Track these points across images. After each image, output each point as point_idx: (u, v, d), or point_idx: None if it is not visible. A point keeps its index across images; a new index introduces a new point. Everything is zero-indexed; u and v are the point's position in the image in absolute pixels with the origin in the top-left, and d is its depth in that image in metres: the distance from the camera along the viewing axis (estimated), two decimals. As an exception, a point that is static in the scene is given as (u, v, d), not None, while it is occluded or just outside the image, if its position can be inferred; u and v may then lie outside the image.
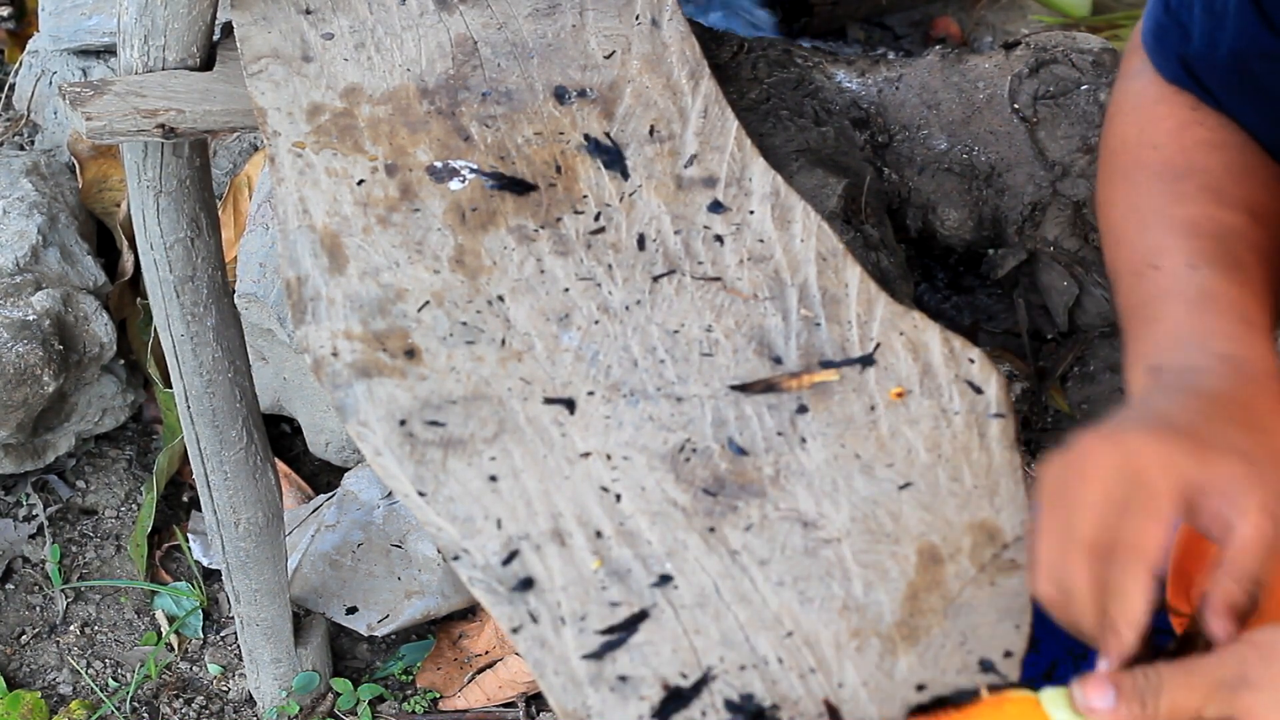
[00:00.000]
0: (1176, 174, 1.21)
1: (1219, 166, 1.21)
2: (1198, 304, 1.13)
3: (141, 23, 1.59)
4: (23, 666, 2.33)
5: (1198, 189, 1.20)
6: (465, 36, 1.57)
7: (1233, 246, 1.16)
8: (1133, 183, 1.23)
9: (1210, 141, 1.23)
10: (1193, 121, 1.24)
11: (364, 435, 1.24)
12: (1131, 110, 1.28)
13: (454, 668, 2.34)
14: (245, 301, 2.30)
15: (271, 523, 2.03)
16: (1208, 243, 1.16)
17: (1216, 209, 1.18)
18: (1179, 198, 1.20)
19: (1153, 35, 1.26)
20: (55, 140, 2.68)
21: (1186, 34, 1.21)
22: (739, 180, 1.44)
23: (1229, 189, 1.20)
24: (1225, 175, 1.20)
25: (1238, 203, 1.19)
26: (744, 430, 1.25)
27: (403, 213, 1.40)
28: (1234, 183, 1.20)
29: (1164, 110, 1.25)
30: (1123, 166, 1.25)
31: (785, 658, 1.10)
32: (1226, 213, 1.18)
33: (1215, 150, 1.22)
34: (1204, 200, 1.19)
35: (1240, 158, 1.22)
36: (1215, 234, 1.16)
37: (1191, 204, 1.19)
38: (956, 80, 2.21)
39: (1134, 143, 1.25)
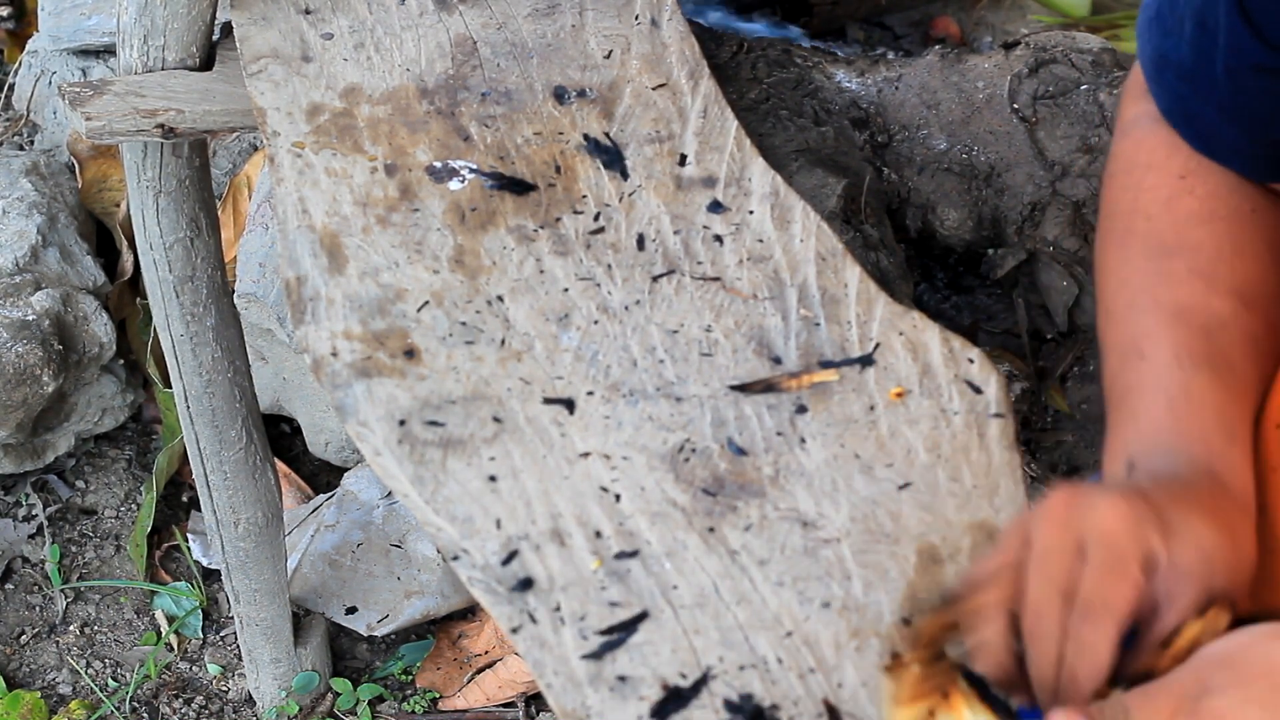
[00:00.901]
0: (1166, 250, 1.21)
1: (1209, 244, 1.20)
2: (1181, 406, 1.13)
3: (141, 23, 1.59)
4: (22, 666, 2.33)
5: (1187, 271, 1.19)
6: (465, 36, 1.57)
7: (1221, 342, 1.16)
8: (1124, 254, 1.22)
9: (1200, 215, 1.22)
10: (1183, 191, 1.23)
11: (364, 435, 1.24)
12: (1124, 174, 1.27)
13: (454, 668, 2.34)
14: (245, 301, 2.30)
15: (271, 523, 2.03)
16: (1196, 337, 1.16)
17: (1206, 295, 1.18)
18: (1168, 279, 1.19)
19: (1151, 65, 1.25)
20: (55, 140, 2.68)
21: (1180, 58, 1.20)
22: (738, 180, 1.44)
23: (1219, 271, 1.19)
24: (1215, 255, 1.20)
25: (1228, 287, 1.18)
26: (743, 430, 1.24)
27: (402, 213, 1.40)
28: (1224, 263, 1.19)
29: (1154, 180, 1.24)
30: (1117, 234, 1.24)
31: (785, 658, 1.10)
32: (1216, 299, 1.17)
33: (1205, 224, 1.21)
34: (1193, 284, 1.18)
35: (1230, 232, 1.21)
36: (1204, 326, 1.16)
37: (1181, 287, 1.18)
38: (956, 80, 2.21)
39: (1126, 211, 1.24)
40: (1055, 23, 2.80)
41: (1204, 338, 1.16)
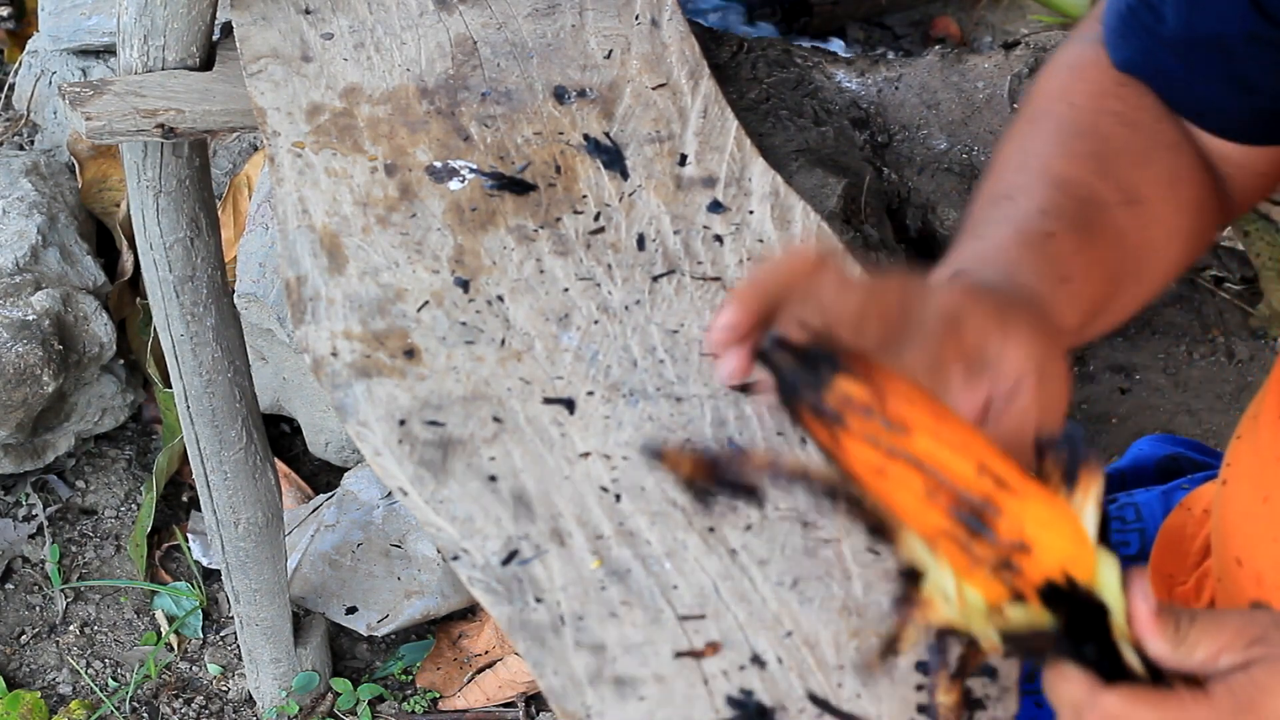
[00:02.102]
0: (1077, 131, 1.20)
1: (1119, 141, 1.20)
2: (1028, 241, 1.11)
3: (141, 22, 1.59)
4: (22, 666, 2.33)
5: (1088, 153, 1.18)
6: (465, 36, 1.57)
7: (1092, 216, 1.14)
8: (1036, 128, 1.22)
9: (1122, 116, 1.21)
10: (1113, 93, 1.23)
11: (364, 435, 1.24)
12: (1063, 66, 1.27)
13: (454, 668, 2.34)
14: (245, 301, 2.30)
15: (271, 523, 2.03)
16: (1069, 201, 1.14)
17: (1096, 178, 1.16)
18: (1067, 153, 1.18)
19: (1117, 16, 1.25)
20: (55, 140, 2.68)
21: (1158, 15, 1.20)
22: (739, 180, 1.44)
23: (1118, 167, 1.18)
24: (1121, 151, 1.19)
25: (1120, 182, 1.17)
26: (744, 430, 1.24)
27: (402, 213, 1.40)
28: (1125, 163, 1.19)
29: (1092, 74, 1.24)
30: (1033, 112, 1.24)
31: (785, 658, 1.10)
32: (1103, 186, 1.16)
33: (1122, 126, 1.21)
34: (1088, 166, 1.17)
35: (1143, 143, 1.20)
36: (1081, 198, 1.15)
37: (1075, 163, 1.17)
38: (956, 80, 2.21)
39: (1053, 94, 1.24)
40: (1055, 23, 2.80)
41: (1078, 204, 1.14)
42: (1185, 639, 0.91)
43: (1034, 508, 0.88)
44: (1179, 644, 0.91)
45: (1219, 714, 0.89)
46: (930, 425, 0.86)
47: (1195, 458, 1.51)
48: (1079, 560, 0.90)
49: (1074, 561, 0.90)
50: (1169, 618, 0.91)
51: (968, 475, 0.86)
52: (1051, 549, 0.89)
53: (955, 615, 0.93)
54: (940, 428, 0.86)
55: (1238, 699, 0.89)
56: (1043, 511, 0.88)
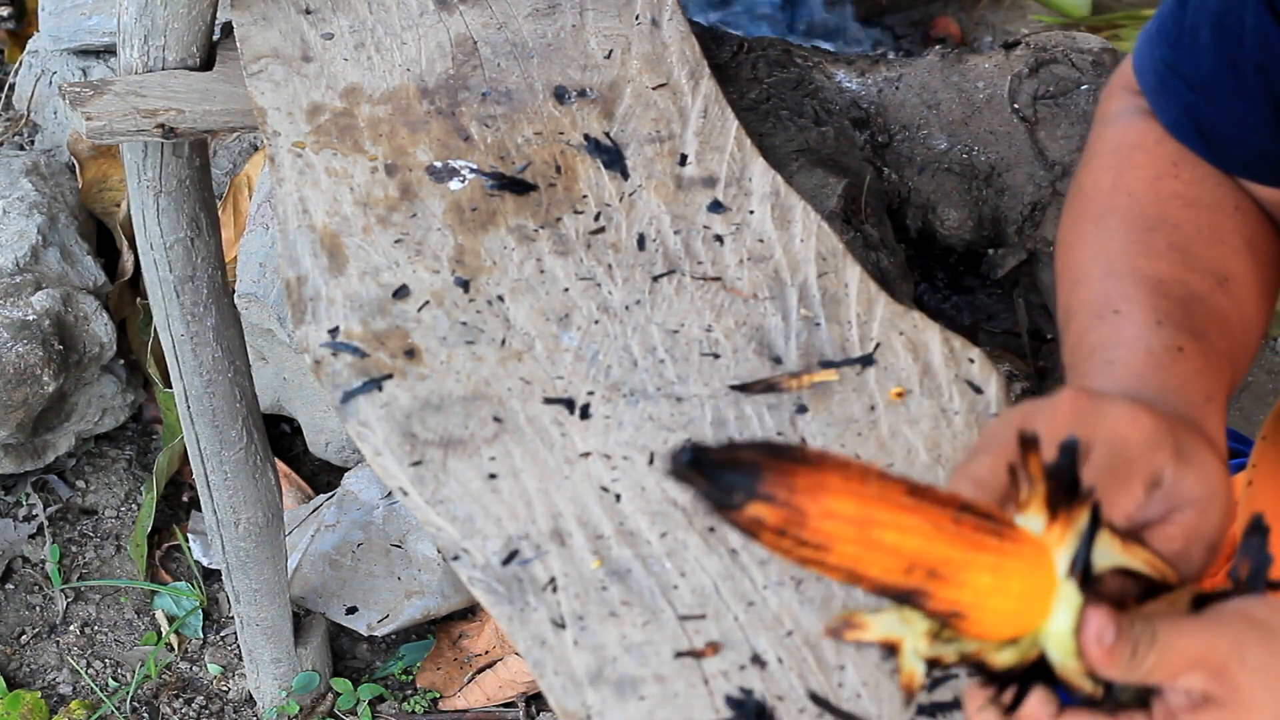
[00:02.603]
0: (1148, 225, 1.19)
1: (1190, 225, 1.19)
2: (1162, 358, 1.09)
3: (141, 22, 1.59)
4: (23, 666, 2.33)
5: (1167, 246, 1.17)
6: (465, 36, 1.57)
7: (1198, 316, 1.13)
8: (1104, 227, 1.20)
9: (1184, 197, 1.20)
10: (1169, 174, 1.22)
11: (364, 435, 1.24)
12: (1110, 154, 1.25)
13: (454, 668, 2.34)
14: (245, 301, 2.30)
15: (271, 523, 2.03)
16: (1174, 305, 1.13)
17: (1184, 271, 1.16)
18: (1148, 251, 1.17)
19: (1156, 77, 1.23)
20: (55, 140, 2.68)
21: (1196, 65, 1.20)
22: (739, 180, 1.44)
23: (1198, 251, 1.17)
24: (1196, 235, 1.18)
25: (1205, 267, 1.16)
26: (744, 430, 1.24)
27: (402, 213, 1.40)
28: (1204, 244, 1.18)
29: (1141, 159, 1.23)
30: (1094, 210, 1.22)
31: (785, 657, 1.10)
32: (1194, 277, 1.15)
33: (1188, 207, 1.20)
34: (1173, 259, 1.16)
35: (1211, 218, 1.20)
36: (1182, 298, 1.14)
37: (1160, 260, 1.16)
38: (956, 80, 2.21)
39: (1108, 188, 1.23)
40: (1055, 23, 2.80)
41: (1183, 308, 1.13)
42: (1141, 664, 0.91)
43: (975, 577, 0.89)
44: (1132, 670, 0.91)
45: None
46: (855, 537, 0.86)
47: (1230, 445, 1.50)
48: (1024, 613, 0.91)
49: (1017, 616, 0.91)
50: (1124, 644, 0.90)
51: (893, 575, 0.87)
52: (990, 610, 0.90)
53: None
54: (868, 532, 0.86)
55: None
56: (985, 579, 0.89)
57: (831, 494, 0.84)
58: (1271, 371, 2.51)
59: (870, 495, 0.85)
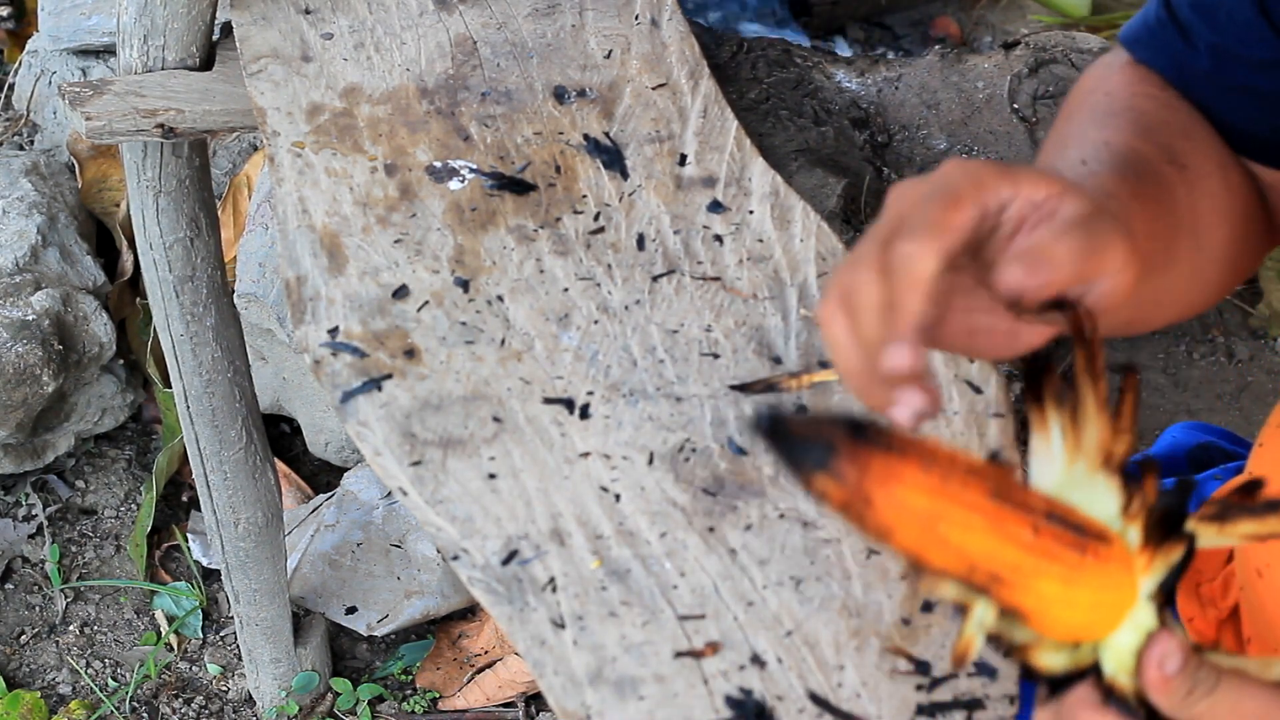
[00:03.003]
0: (1113, 112, 1.18)
1: (1155, 113, 1.18)
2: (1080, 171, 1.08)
3: (141, 22, 1.59)
4: (22, 666, 2.33)
5: (1127, 122, 1.16)
6: (465, 36, 1.57)
7: (1139, 167, 1.11)
8: (1071, 120, 1.20)
9: (1158, 98, 1.20)
10: (1152, 84, 1.22)
11: (364, 435, 1.24)
12: (1100, 69, 1.26)
13: (453, 668, 2.34)
14: (245, 301, 2.30)
15: (271, 523, 2.03)
16: (1111, 154, 1.12)
17: (1136, 140, 1.14)
18: (1104, 125, 1.16)
19: (1145, 28, 1.23)
20: (55, 140, 2.68)
21: (1187, 36, 1.20)
22: (738, 180, 1.44)
23: (1158, 132, 1.17)
24: (1159, 122, 1.18)
25: (1161, 145, 1.15)
26: (744, 430, 1.24)
27: (402, 213, 1.40)
28: (1166, 131, 1.17)
29: (1130, 72, 1.23)
30: (1069, 109, 1.22)
31: (785, 657, 1.10)
32: (1145, 145, 1.14)
33: (1159, 105, 1.20)
34: (1128, 131, 1.15)
35: (1184, 120, 1.19)
36: (1123, 152, 1.12)
37: (1113, 130, 1.15)
38: (956, 80, 2.21)
39: (1088, 90, 1.23)
40: (1055, 23, 2.80)
41: (1120, 157, 1.12)
42: (1192, 706, 0.90)
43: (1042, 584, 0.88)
44: (1183, 708, 0.90)
45: None
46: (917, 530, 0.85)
47: (1226, 447, 1.50)
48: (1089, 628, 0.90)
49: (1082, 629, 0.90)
50: (1184, 679, 0.89)
51: (956, 572, 0.86)
52: (1053, 620, 0.89)
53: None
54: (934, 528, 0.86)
55: None
56: (1053, 588, 0.88)
57: (904, 485, 0.84)
58: (1271, 371, 2.51)
59: (946, 492, 0.85)
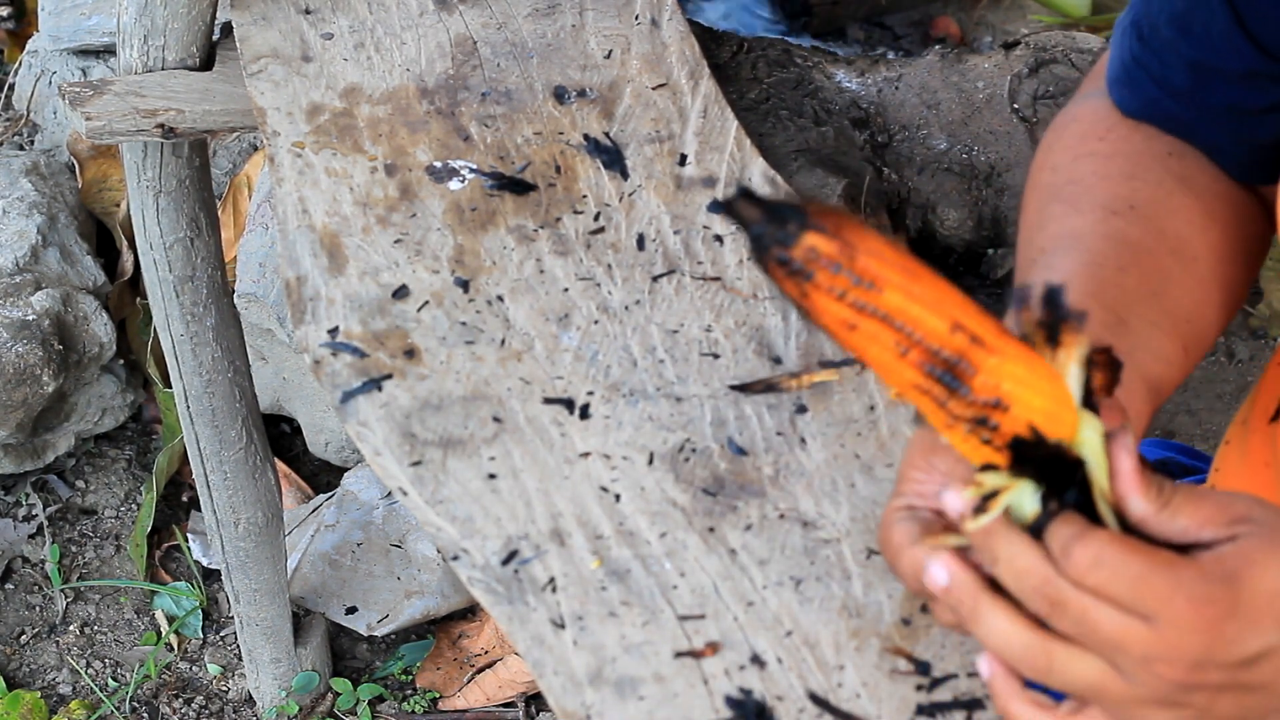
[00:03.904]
0: (1052, 195, 1.19)
1: (1088, 174, 1.19)
2: None
3: (141, 22, 1.59)
4: (22, 666, 2.33)
5: (1058, 205, 1.18)
6: (465, 36, 1.57)
7: (1061, 255, 1.13)
8: (1025, 214, 1.21)
9: (1097, 153, 1.20)
10: (1094, 138, 1.22)
11: (364, 435, 1.24)
12: (1050, 135, 1.26)
13: (454, 668, 2.34)
14: (245, 301, 2.30)
15: (271, 523, 2.03)
16: (1038, 269, 1.14)
17: (1065, 220, 1.16)
18: (1044, 223, 1.18)
19: (1121, 66, 1.23)
20: (55, 140, 2.68)
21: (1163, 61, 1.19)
22: (739, 180, 1.44)
23: (1088, 195, 1.17)
24: (1091, 181, 1.18)
25: (1090, 205, 1.16)
26: (744, 430, 1.24)
27: (402, 213, 1.40)
28: (1101, 187, 1.17)
29: (1074, 130, 1.23)
30: (1025, 196, 1.23)
31: (785, 657, 1.10)
32: (1077, 220, 1.15)
33: (1097, 160, 1.20)
34: (1057, 217, 1.17)
35: (1123, 164, 1.19)
36: (1051, 249, 1.14)
37: (1048, 227, 1.17)
38: (956, 80, 2.21)
39: (1037, 168, 1.24)
40: (1055, 23, 2.80)
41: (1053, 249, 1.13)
42: (1169, 503, 0.89)
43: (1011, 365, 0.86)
44: (1162, 507, 0.89)
45: (1206, 580, 0.87)
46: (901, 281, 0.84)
47: (1185, 461, 1.51)
48: (1059, 418, 0.88)
49: (1053, 419, 0.88)
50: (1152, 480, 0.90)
51: (940, 332, 0.85)
52: (1029, 407, 0.87)
53: None
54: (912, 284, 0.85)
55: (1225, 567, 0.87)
56: (1020, 369, 0.87)
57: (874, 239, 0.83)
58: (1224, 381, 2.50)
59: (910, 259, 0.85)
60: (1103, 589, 0.87)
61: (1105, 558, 0.87)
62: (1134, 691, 0.89)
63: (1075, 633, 0.89)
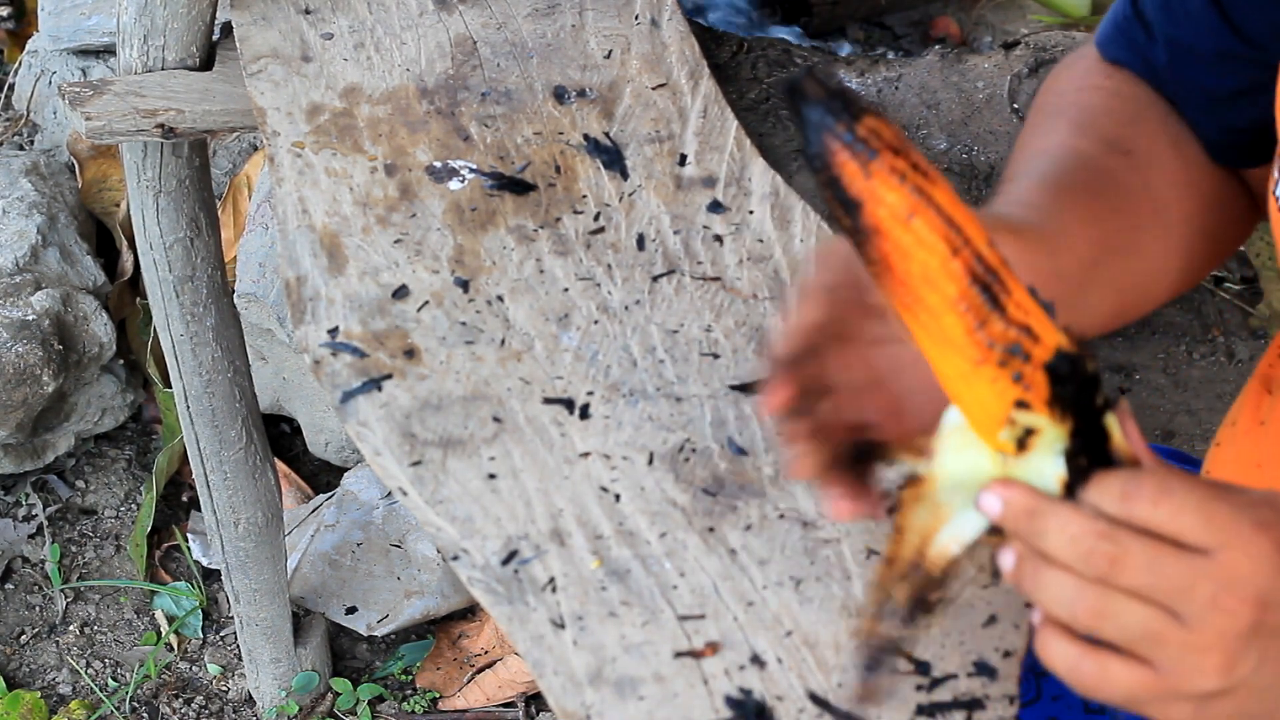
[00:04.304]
0: (1057, 112, 1.20)
1: (1096, 106, 1.19)
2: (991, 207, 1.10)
3: (141, 22, 1.59)
4: (22, 666, 2.33)
5: (1064, 121, 1.18)
6: (465, 36, 1.57)
7: (1073, 168, 1.13)
8: (1026, 128, 1.22)
9: (1104, 88, 1.21)
10: (1100, 73, 1.23)
11: (363, 435, 1.24)
12: (1058, 69, 1.27)
13: (453, 668, 2.34)
14: (245, 301, 2.30)
15: (271, 523, 2.03)
16: (1044, 161, 1.13)
17: (1073, 138, 1.16)
18: (1046, 131, 1.18)
19: (1113, 25, 1.23)
20: (55, 140, 2.68)
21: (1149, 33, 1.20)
22: (738, 180, 1.44)
23: (1095, 124, 1.17)
24: (1099, 113, 1.18)
25: (1101, 137, 1.16)
26: (744, 430, 1.24)
27: (402, 213, 1.40)
28: (1107, 121, 1.18)
29: (1081, 65, 1.24)
30: (1030, 116, 1.24)
31: (785, 658, 1.10)
32: (1082, 141, 1.15)
33: (1104, 95, 1.20)
34: (1065, 130, 1.17)
35: (1130, 106, 1.20)
36: (1057, 155, 1.14)
37: (1049, 135, 1.17)
38: (956, 80, 2.21)
39: (1042, 92, 1.25)
40: (1055, 23, 2.80)
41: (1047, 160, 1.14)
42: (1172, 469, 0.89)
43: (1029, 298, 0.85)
44: None
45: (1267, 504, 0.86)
46: (946, 184, 0.84)
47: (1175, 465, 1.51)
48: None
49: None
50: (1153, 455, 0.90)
51: (983, 240, 0.84)
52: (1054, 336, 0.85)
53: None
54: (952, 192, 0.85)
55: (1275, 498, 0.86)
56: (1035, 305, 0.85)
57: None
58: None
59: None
60: (1171, 520, 0.84)
61: (1171, 485, 0.85)
62: (1195, 638, 0.85)
63: (1140, 583, 0.85)
